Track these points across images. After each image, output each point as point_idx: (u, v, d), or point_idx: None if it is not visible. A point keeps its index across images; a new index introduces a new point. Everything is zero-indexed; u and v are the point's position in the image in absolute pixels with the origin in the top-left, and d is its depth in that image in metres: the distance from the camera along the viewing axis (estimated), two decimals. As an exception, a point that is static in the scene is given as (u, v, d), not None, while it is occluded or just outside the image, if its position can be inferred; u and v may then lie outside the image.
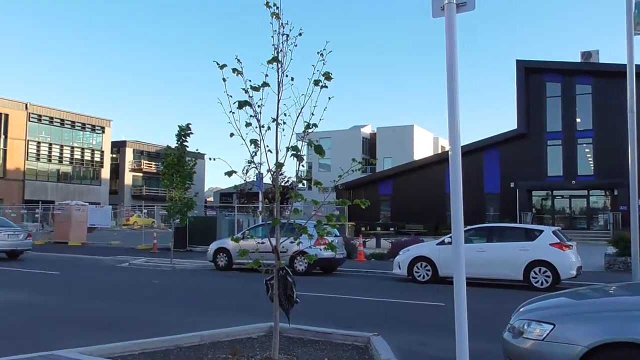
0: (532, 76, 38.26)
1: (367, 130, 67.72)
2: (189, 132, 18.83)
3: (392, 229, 30.70)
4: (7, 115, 52.74)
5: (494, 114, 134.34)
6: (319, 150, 5.24)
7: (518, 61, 38.41)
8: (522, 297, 7.03)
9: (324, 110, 5.33)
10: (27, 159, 54.77)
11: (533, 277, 12.86)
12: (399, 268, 14.51)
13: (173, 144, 19.07)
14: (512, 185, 37.61)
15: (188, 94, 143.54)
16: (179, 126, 18.69)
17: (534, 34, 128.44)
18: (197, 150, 19.34)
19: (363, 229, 28.22)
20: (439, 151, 63.82)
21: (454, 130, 3.74)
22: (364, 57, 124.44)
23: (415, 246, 15.47)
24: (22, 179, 54.22)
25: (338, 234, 17.03)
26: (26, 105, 54.69)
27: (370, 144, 66.20)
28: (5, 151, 52.79)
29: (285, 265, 5.59)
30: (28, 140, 54.77)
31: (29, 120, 54.90)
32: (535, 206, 38.55)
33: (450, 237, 13.68)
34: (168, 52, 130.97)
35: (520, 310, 4.96)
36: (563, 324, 4.32)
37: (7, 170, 52.78)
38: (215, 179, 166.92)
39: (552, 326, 4.30)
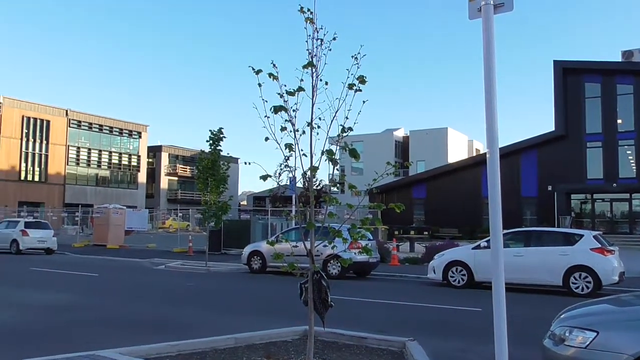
0: (571, 77, 37.34)
1: (399, 134, 67.30)
2: (221, 136, 19.05)
3: (426, 232, 30.35)
4: (48, 122, 54.49)
5: (530, 115, 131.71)
6: (354, 153, 5.23)
7: (556, 62, 37.56)
8: (561, 303, 6.85)
9: (358, 113, 5.32)
10: (67, 164, 56.44)
11: (573, 283, 12.52)
12: (434, 272, 14.34)
13: (207, 148, 19.35)
14: (549, 188, 36.74)
15: (223, 99, 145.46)
16: (210, 131, 18.93)
17: (571, 33, 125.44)
18: (228, 154, 19.53)
19: (396, 232, 28.00)
20: (474, 154, 62.89)
21: (491, 133, 3.67)
22: (397, 59, 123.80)
23: (451, 250, 15.26)
24: (63, 183, 55.87)
25: (372, 238, 16.95)
26: (66, 111, 56.39)
27: (403, 147, 65.76)
28: (47, 156, 54.52)
29: (319, 269, 5.59)
30: (68, 146, 56.43)
31: (69, 126, 56.57)
32: (574, 210, 37.55)
33: (487, 241, 13.46)
34: (203, 57, 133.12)
35: (561, 316, 4.82)
36: (607, 332, 4.19)
37: (48, 175, 54.50)
38: (248, 182, 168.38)
39: (595, 334, 4.17)
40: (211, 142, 18.87)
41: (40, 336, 7.64)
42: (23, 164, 52.71)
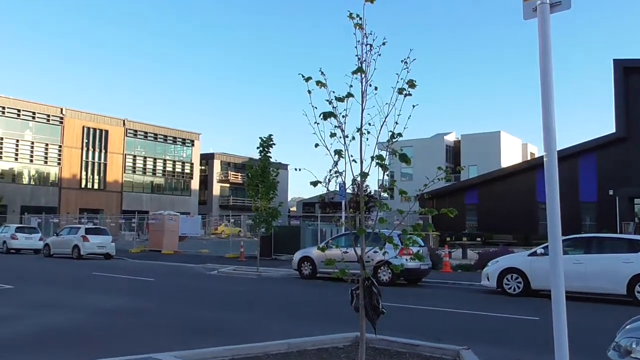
0: (632, 76, 35.66)
1: (450, 138, 66.25)
2: (271, 143, 19.29)
3: (479, 239, 29.66)
4: (107, 132, 56.78)
5: (588, 117, 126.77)
6: (404, 158, 5.18)
7: (616, 61, 35.99)
8: (623, 313, 6.54)
9: (408, 118, 5.27)
10: (124, 172, 58.59)
11: (638, 292, 11.92)
12: (488, 280, 13.98)
13: (257, 155, 19.63)
14: (610, 193, 35.13)
15: (273, 106, 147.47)
16: (260, 138, 19.20)
17: (631, 31, 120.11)
18: (277, 161, 19.79)
19: (448, 239, 27.51)
20: (528, 158, 61.10)
21: (549, 136, 3.55)
22: (446, 63, 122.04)
23: (505, 257, 14.83)
24: (120, 190, 58.01)
25: (423, 244, 16.72)
26: (124, 121, 58.59)
27: (454, 152, 64.68)
28: (105, 165, 56.79)
29: (370, 275, 5.55)
30: (125, 154, 58.60)
31: (126, 136, 58.76)
32: (638, 215, 35.76)
33: (544, 247, 12.95)
34: (253, 66, 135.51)
35: (627, 327, 4.60)
36: None
37: (107, 183, 56.74)
38: (298, 188, 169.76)
39: None
40: (261, 148, 19.15)
41: (100, 338, 7.94)
42: (83, 173, 55.09)
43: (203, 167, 70.70)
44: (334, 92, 5.34)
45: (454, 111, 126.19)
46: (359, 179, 5.41)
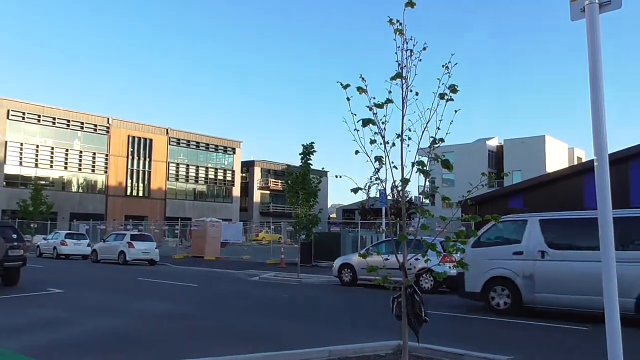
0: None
1: (493, 143, 65.01)
2: (312, 150, 19.37)
3: (524, 246, 28.81)
4: (151, 140, 58.30)
5: (638, 118, 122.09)
6: (447, 164, 5.10)
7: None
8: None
9: (450, 123, 5.20)
10: (167, 180, 59.95)
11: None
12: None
13: (296, 162, 19.76)
14: (663, 198, 33.66)
15: (312, 113, 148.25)
16: (303, 145, 19.32)
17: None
18: (322, 168, 19.81)
19: (491, 245, 26.83)
20: (575, 162, 59.27)
21: (599, 140, 3.43)
22: (487, 67, 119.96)
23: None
24: (164, 197, 59.38)
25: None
26: (167, 130, 60.03)
27: (496, 157, 63.40)
28: (149, 173, 58.28)
29: (412, 283, 5.48)
30: (168, 162, 60.00)
31: (169, 144, 60.17)
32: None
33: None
34: (293, 73, 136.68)
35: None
36: None
37: (151, 190, 58.16)
38: (337, 195, 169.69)
39: None
40: (302, 155, 19.25)
41: (146, 343, 8.10)
42: (129, 180, 56.70)
43: (244, 174, 71.63)
44: (374, 98, 5.32)
45: (496, 116, 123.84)
46: (399, 185, 5.37)
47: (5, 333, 8.53)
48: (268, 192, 73.91)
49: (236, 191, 67.53)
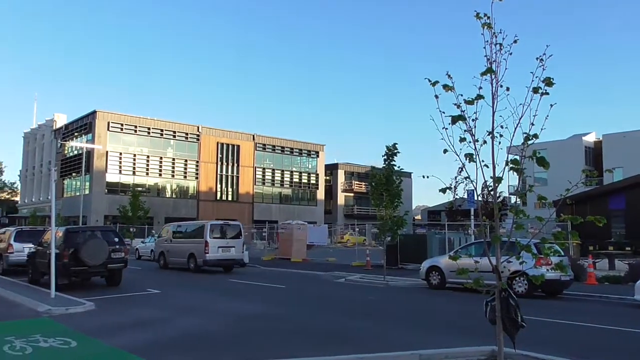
0: None
1: (590, 139, 61.13)
2: (395, 151, 19.14)
3: (628, 248, 26.80)
4: (238, 146, 60.36)
5: None
6: (542, 162, 4.85)
7: None
8: None
9: (546, 118, 4.93)
10: (254, 184, 61.76)
11: None
12: (642, 293, 12.57)
13: (379, 164, 19.60)
14: None
15: (393, 114, 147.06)
16: (386, 147, 19.13)
17: None
18: (401, 168, 19.56)
19: (591, 248, 25.22)
20: (685, 157, 54.37)
21: None
22: (583, 59, 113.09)
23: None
24: (251, 201, 61.22)
25: (562, 254, 15.56)
26: (253, 136, 61.91)
27: (594, 154, 59.53)
28: (237, 177, 60.35)
29: (506, 286, 5.24)
30: (255, 167, 61.82)
31: (255, 150, 61.99)
32: None
33: None
34: (372, 75, 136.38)
35: None
36: None
37: (239, 194, 60.19)
38: (422, 196, 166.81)
39: None
40: (386, 157, 19.09)
41: (231, 342, 8.37)
42: (218, 185, 59.00)
43: (328, 177, 72.27)
44: (461, 95, 5.16)
45: (593, 110, 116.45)
46: (491, 184, 5.16)
47: (112, 332, 9.17)
48: (352, 194, 74.06)
49: (320, 194, 68.26)
